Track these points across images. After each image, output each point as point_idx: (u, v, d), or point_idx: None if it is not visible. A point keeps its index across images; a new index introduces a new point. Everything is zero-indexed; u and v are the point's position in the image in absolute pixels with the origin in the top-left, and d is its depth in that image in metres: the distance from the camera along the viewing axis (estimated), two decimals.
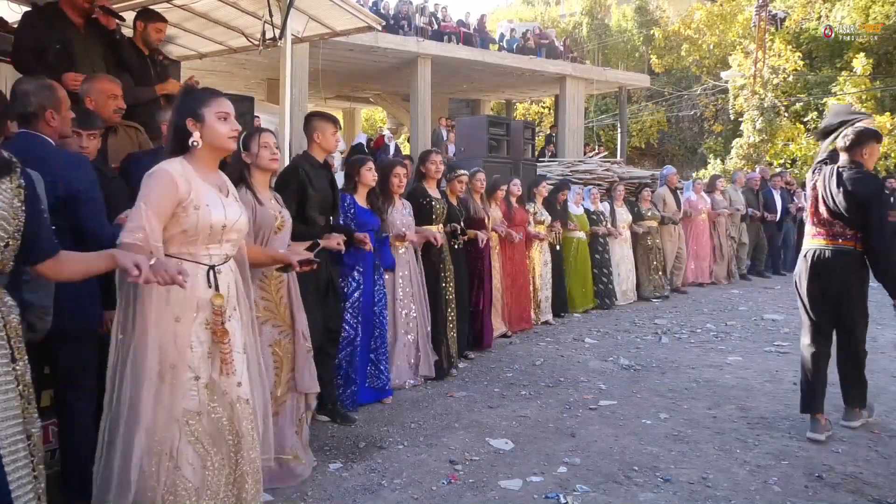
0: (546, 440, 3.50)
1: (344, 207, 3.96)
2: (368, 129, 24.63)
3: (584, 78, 17.04)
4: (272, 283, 2.97)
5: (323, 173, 3.59)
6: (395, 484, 2.95)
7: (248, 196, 2.86)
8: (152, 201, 2.01)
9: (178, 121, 2.16)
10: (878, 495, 2.84)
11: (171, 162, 2.11)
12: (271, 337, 2.95)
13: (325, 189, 3.58)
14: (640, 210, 8.25)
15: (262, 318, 2.90)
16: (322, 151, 3.60)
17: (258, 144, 2.95)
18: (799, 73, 21.05)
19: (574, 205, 7.36)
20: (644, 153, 25.89)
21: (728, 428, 3.67)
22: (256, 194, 2.91)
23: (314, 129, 3.57)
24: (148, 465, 1.99)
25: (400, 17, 14.75)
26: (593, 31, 28.69)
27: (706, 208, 9.07)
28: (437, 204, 4.79)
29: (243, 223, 2.24)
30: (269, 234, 2.90)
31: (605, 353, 5.43)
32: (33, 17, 3.74)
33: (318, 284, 3.47)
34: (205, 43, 6.17)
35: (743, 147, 19.11)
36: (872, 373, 4.82)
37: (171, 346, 2.04)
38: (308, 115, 3.69)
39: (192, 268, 2.08)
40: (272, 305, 2.96)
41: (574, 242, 7.23)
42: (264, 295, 2.94)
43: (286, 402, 3.00)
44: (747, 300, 8.13)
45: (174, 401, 2.04)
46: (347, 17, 5.88)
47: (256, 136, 2.97)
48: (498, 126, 8.11)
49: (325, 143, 3.58)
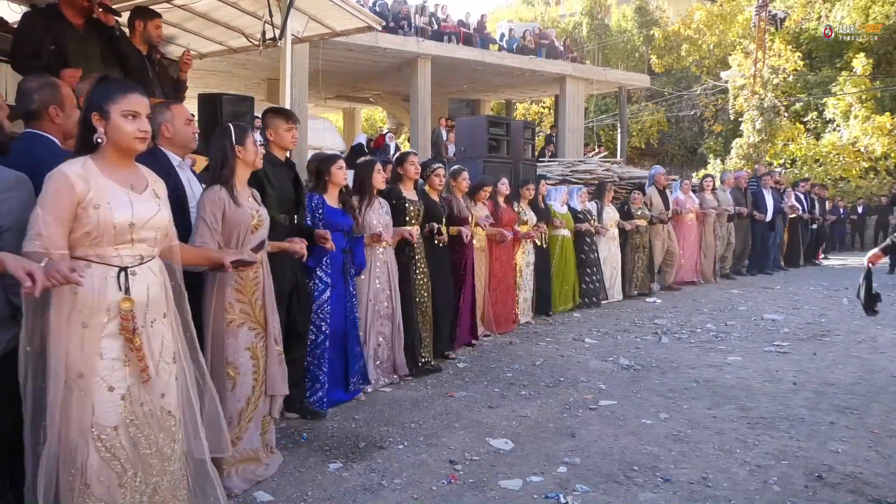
0: (546, 440, 3.49)
1: (311, 207, 3.86)
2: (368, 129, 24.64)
3: (584, 78, 17.05)
4: (248, 285, 2.90)
5: (284, 171, 3.49)
6: (395, 484, 2.95)
7: (222, 194, 2.79)
8: (48, 204, 1.90)
9: (84, 115, 2.05)
10: (878, 495, 2.84)
11: (71, 162, 1.98)
12: (248, 340, 2.89)
13: (287, 188, 3.48)
14: (630, 209, 8.28)
15: (239, 320, 2.86)
16: (278, 149, 3.50)
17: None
18: (799, 73, 21.06)
19: (559, 205, 7.29)
20: (644, 153, 25.88)
21: (728, 428, 3.67)
22: (234, 193, 2.83)
23: (267, 126, 3.48)
24: (64, 479, 1.89)
25: (400, 17, 14.75)
26: (593, 31, 28.69)
27: (694, 208, 9.09)
28: (412, 206, 4.70)
29: (159, 221, 2.08)
30: (245, 233, 2.84)
31: (605, 353, 5.43)
32: (31, 18, 3.76)
33: (281, 287, 3.34)
34: (205, 43, 6.18)
35: (743, 147, 19.13)
36: (872, 373, 4.83)
37: (78, 354, 1.91)
38: (263, 112, 3.59)
39: (101, 270, 1.97)
40: (248, 308, 2.89)
41: (559, 240, 7.18)
42: (240, 297, 2.87)
43: (258, 408, 2.96)
44: (747, 300, 8.13)
45: (83, 413, 1.91)
46: (347, 17, 5.90)
47: (251, 133, 2.93)
48: (498, 126, 8.10)
49: (279, 140, 3.48)
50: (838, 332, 6.27)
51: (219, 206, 2.76)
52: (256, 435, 2.95)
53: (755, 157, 18.71)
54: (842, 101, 19.07)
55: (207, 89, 9.67)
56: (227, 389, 2.81)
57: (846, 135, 18.71)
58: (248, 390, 2.87)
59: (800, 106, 21.13)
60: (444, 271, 5.08)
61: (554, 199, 7.32)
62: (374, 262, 4.36)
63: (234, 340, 2.84)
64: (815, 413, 3.93)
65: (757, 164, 17.04)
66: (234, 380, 2.84)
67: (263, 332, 2.94)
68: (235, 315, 2.84)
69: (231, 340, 2.83)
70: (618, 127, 19.72)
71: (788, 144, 19.34)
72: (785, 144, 19.34)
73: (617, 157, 16.34)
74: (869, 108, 18.66)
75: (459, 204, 5.48)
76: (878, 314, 3.59)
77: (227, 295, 2.83)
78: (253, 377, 2.90)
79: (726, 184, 10.05)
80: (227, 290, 2.82)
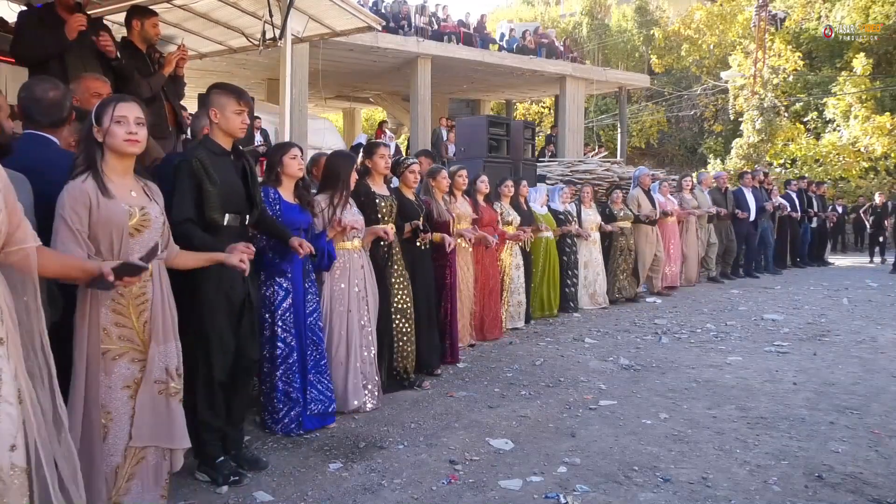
0: (546, 440, 3.49)
1: (269, 202, 3.37)
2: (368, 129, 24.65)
3: (584, 78, 17.05)
4: (131, 304, 2.28)
5: (228, 162, 2.90)
6: (395, 484, 2.95)
7: (87, 186, 2.19)
8: None
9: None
10: (878, 495, 2.84)
11: None
12: (130, 376, 2.29)
13: (232, 182, 2.89)
14: (612, 211, 7.95)
15: (116, 350, 2.26)
16: (223, 133, 2.87)
17: (111, 117, 2.24)
18: (799, 73, 21.07)
19: (538, 206, 6.98)
20: (644, 153, 25.89)
21: (728, 428, 3.67)
22: (105, 183, 2.23)
23: (211, 104, 2.84)
24: None
25: (400, 17, 14.75)
26: (593, 31, 28.69)
27: (675, 209, 8.84)
28: (382, 201, 4.18)
29: None
30: (121, 236, 2.24)
31: (605, 353, 5.43)
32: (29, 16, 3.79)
33: (230, 305, 2.86)
34: (205, 43, 6.18)
35: (743, 147, 19.12)
36: (872, 373, 4.83)
37: None
38: (209, 87, 2.93)
39: None
40: (131, 333, 2.29)
41: (543, 243, 6.84)
42: (119, 320, 2.27)
43: (145, 459, 2.36)
44: (747, 300, 8.13)
45: None
46: (347, 17, 5.90)
47: (111, 106, 2.26)
48: (498, 126, 8.11)
49: (224, 122, 2.84)
50: (838, 332, 6.27)
51: (82, 202, 2.18)
52: (148, 497, 2.36)
53: (755, 157, 18.71)
54: (842, 101, 19.09)
55: None
56: (98, 441, 2.24)
57: (846, 135, 18.72)
58: (126, 440, 2.29)
59: (800, 106, 21.14)
60: (426, 276, 4.61)
61: (533, 200, 6.98)
62: (352, 267, 3.90)
63: (107, 377, 2.24)
64: (815, 413, 3.92)
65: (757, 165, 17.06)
66: (105, 427, 2.25)
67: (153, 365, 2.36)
68: (112, 344, 2.25)
69: (103, 377, 2.23)
70: (618, 127, 19.71)
71: (788, 144, 19.35)
72: (785, 144, 19.35)
73: (617, 157, 16.33)
74: (869, 108, 18.67)
75: (440, 207, 4.95)
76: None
77: (101, 317, 2.22)
78: (130, 423, 2.31)
79: (704, 184, 9.86)
80: (102, 310, 2.22)
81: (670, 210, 8.72)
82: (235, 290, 2.87)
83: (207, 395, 2.69)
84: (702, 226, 9.46)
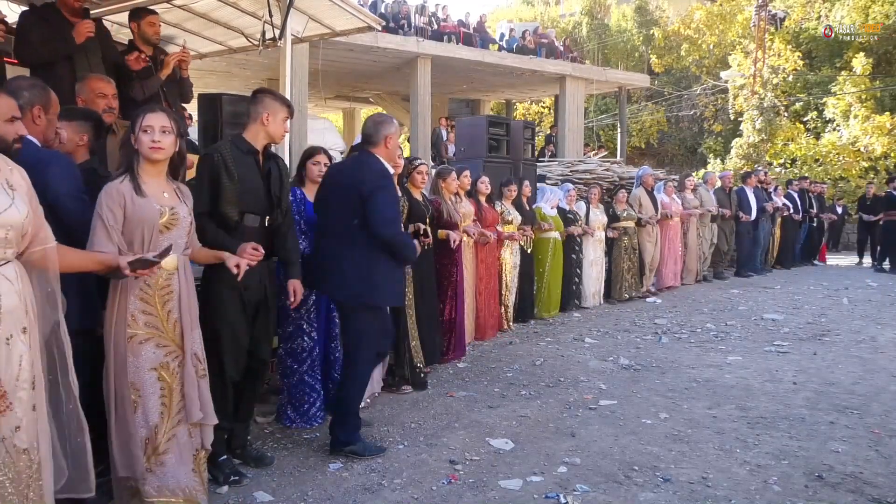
0: (546, 440, 3.50)
1: (296, 201, 3.57)
2: None
3: (584, 78, 17.05)
4: (157, 295, 2.47)
5: (252, 160, 2.98)
6: (395, 484, 2.95)
7: (123, 187, 2.41)
8: None
9: None
10: (878, 495, 2.84)
11: None
12: (155, 359, 2.47)
13: (253, 180, 2.95)
14: (616, 211, 8.01)
15: (143, 335, 2.44)
16: (266, 137, 3.01)
17: (139, 127, 2.46)
18: (799, 73, 21.06)
19: (548, 207, 7.04)
20: (644, 153, 25.88)
21: (728, 428, 3.68)
22: (140, 184, 2.44)
23: (266, 108, 2.97)
24: None
25: (400, 17, 14.75)
26: (593, 31, 28.68)
27: (678, 209, 8.86)
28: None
29: (9, 218, 1.77)
30: (152, 233, 2.44)
31: (605, 353, 5.43)
32: (31, 16, 3.78)
33: (244, 304, 2.92)
34: (205, 43, 6.17)
35: (743, 147, 19.11)
36: (872, 373, 4.83)
37: None
38: (258, 91, 3.10)
39: None
40: (156, 321, 2.47)
41: (550, 243, 6.89)
42: (146, 308, 2.45)
43: (176, 437, 2.52)
44: (747, 300, 8.13)
45: None
46: (347, 17, 5.88)
47: (141, 117, 2.47)
48: (498, 126, 8.10)
49: (273, 128, 2.99)
50: (838, 332, 6.27)
51: (118, 202, 2.38)
52: (182, 471, 2.52)
53: (755, 156, 18.70)
54: (842, 100, 19.07)
55: (207, 89, 9.67)
56: (130, 413, 2.44)
57: (846, 134, 18.70)
58: (154, 416, 2.47)
59: (800, 106, 21.12)
60: (427, 276, 4.66)
61: (541, 202, 7.05)
62: None
63: (135, 359, 2.44)
64: (815, 413, 3.93)
65: (757, 164, 17.05)
66: (134, 403, 2.45)
67: (179, 351, 2.51)
68: (139, 329, 2.44)
69: (132, 358, 2.43)
70: (618, 127, 19.71)
71: (788, 144, 19.33)
72: (785, 144, 19.33)
73: (617, 157, 16.33)
74: (869, 107, 18.65)
75: (449, 207, 5.05)
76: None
77: (129, 305, 2.42)
78: (161, 402, 2.48)
79: (709, 184, 9.90)
80: (130, 298, 2.42)
81: (674, 211, 8.75)
82: (250, 290, 2.92)
83: (216, 393, 2.71)
84: (704, 224, 9.48)
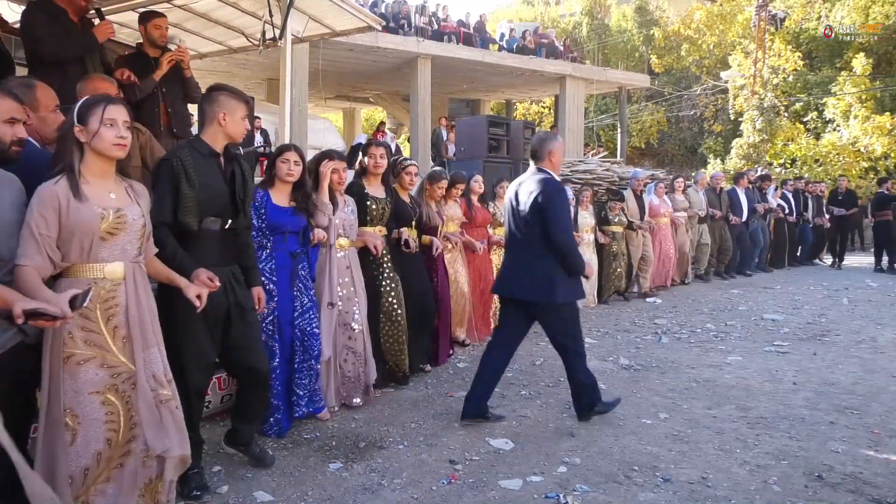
0: (546, 440, 3.50)
1: (255, 206, 3.29)
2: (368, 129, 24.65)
3: (584, 78, 17.07)
4: (98, 309, 2.20)
5: (213, 164, 2.79)
6: (395, 484, 2.95)
7: (58, 188, 2.12)
8: None
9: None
10: (878, 495, 2.84)
11: None
12: (100, 382, 2.21)
13: (215, 185, 2.77)
14: (608, 216, 7.96)
15: (82, 355, 2.18)
16: (225, 137, 2.81)
17: (100, 119, 2.18)
18: (799, 73, 21.08)
19: None
20: (644, 153, 25.91)
21: (728, 428, 3.67)
22: (79, 184, 2.16)
23: (221, 107, 2.77)
24: None
25: (400, 17, 14.76)
26: (593, 31, 28.71)
27: (668, 211, 8.77)
28: (375, 203, 4.16)
29: None
30: (92, 241, 2.17)
31: (605, 353, 5.43)
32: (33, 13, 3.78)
33: (207, 317, 2.69)
34: (205, 43, 6.18)
35: (743, 147, 19.12)
36: (872, 373, 4.83)
37: None
38: (212, 88, 2.86)
39: None
40: (99, 339, 2.21)
41: None
42: (85, 324, 2.19)
43: (123, 466, 2.27)
44: (747, 300, 8.13)
45: None
46: (347, 17, 5.89)
47: (100, 107, 2.19)
48: (498, 126, 8.12)
49: (232, 127, 2.79)
50: (838, 332, 6.26)
51: (51, 206, 2.10)
52: (123, 502, 2.28)
53: (755, 157, 18.70)
54: (842, 101, 19.08)
55: None
56: (63, 442, 2.18)
57: (846, 135, 18.71)
58: (98, 443, 2.22)
59: (800, 106, 21.14)
60: (418, 280, 4.57)
61: None
62: (333, 267, 3.84)
63: (73, 381, 2.18)
64: (815, 413, 3.93)
65: (757, 165, 17.05)
66: (73, 430, 2.19)
67: (132, 372, 2.26)
68: (76, 348, 2.18)
69: (69, 381, 2.18)
70: (618, 127, 19.73)
71: (788, 144, 19.33)
72: (785, 144, 19.33)
73: (617, 157, 16.34)
74: (869, 108, 18.66)
75: (430, 211, 4.96)
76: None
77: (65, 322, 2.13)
78: (108, 427, 2.23)
79: (699, 184, 9.83)
80: None
81: (663, 212, 8.68)
82: (213, 302, 2.65)
83: (184, 408, 2.55)
84: (692, 225, 9.42)
